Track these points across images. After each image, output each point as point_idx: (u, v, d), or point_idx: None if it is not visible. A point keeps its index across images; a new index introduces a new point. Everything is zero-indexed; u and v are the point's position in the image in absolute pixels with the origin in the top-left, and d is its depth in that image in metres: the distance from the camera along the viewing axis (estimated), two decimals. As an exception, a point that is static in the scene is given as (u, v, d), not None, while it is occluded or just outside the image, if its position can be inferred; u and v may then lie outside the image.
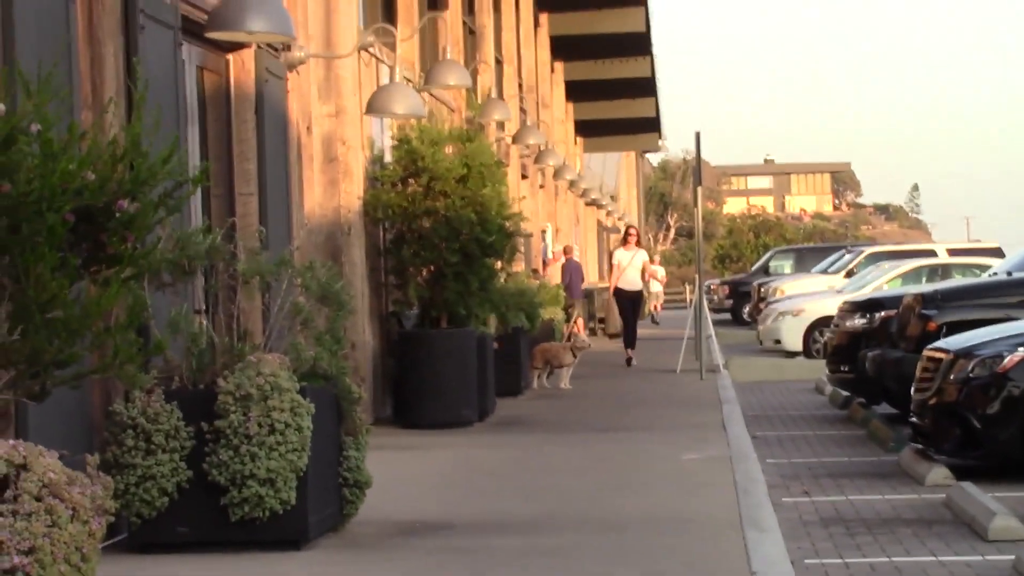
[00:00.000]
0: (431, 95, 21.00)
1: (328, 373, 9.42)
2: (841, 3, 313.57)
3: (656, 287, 63.03)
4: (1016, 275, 16.96)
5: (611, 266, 27.56)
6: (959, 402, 12.52)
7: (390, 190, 17.19)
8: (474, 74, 24.54)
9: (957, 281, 21.78)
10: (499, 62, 30.36)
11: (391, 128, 18.06)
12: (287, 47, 13.59)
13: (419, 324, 17.37)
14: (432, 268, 17.13)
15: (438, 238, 16.99)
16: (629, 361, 26.58)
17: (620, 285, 26.53)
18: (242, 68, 12.55)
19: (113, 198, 5.67)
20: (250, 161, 12.61)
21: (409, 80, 18.27)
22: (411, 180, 17.27)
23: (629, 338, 26.93)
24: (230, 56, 12.52)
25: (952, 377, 12.63)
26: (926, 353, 13.45)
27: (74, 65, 9.12)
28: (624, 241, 27.67)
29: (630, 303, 26.72)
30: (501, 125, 26.74)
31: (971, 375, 12.47)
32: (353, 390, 9.60)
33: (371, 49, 17.22)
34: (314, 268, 9.70)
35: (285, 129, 13.61)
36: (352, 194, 16.25)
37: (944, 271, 28.47)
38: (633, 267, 26.52)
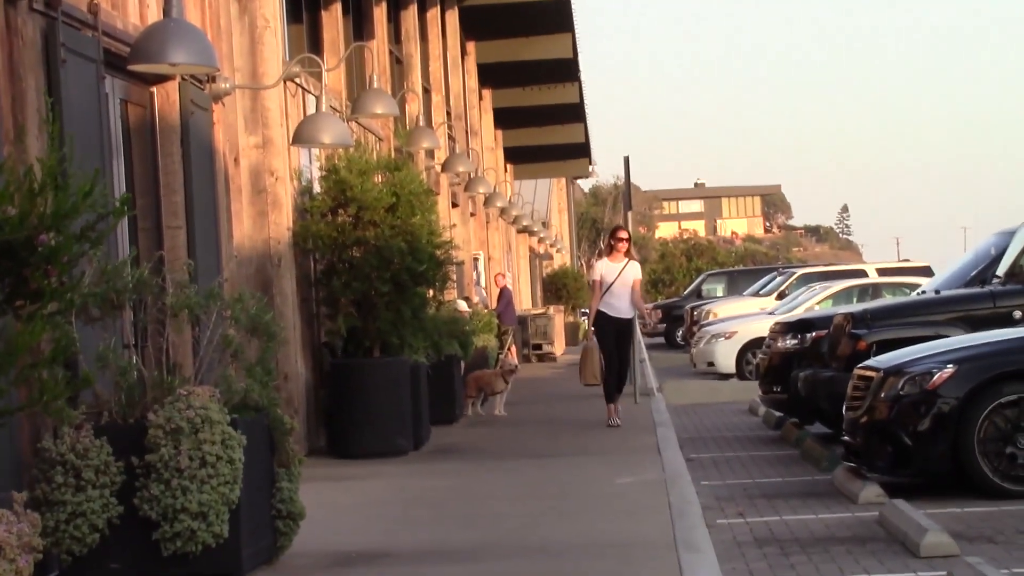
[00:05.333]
0: (359, 124, 20.98)
1: (260, 404, 9.38)
2: (768, 27, 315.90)
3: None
4: (944, 293, 17.08)
5: (591, 284, 19.60)
6: (890, 420, 12.59)
7: (319, 220, 17.14)
8: (402, 103, 24.52)
9: (886, 300, 21.95)
10: (427, 90, 30.37)
11: (319, 158, 18.01)
12: (212, 79, 13.53)
13: (352, 354, 17.31)
14: (364, 298, 17.09)
15: (369, 268, 16.96)
16: (612, 419, 19.16)
17: (603, 309, 19.08)
18: (166, 100, 12.48)
19: (34, 232, 5.62)
20: (177, 194, 12.53)
21: (336, 110, 18.26)
22: (340, 210, 17.23)
23: (612, 388, 19.25)
24: (154, 89, 12.45)
25: (883, 395, 12.71)
26: (857, 372, 13.53)
27: (-5, 100, 9.04)
28: (608, 249, 19.55)
29: (615, 336, 19.15)
30: (430, 153, 26.74)
31: (901, 393, 12.54)
32: (285, 421, 9.55)
33: (297, 80, 17.19)
34: (244, 300, 9.65)
35: (212, 161, 13.54)
36: (281, 225, 16.20)
37: (874, 290, 28.68)
38: (622, 283, 19.08)
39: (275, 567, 9.47)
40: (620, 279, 18.92)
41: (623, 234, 19.51)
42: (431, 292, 18.15)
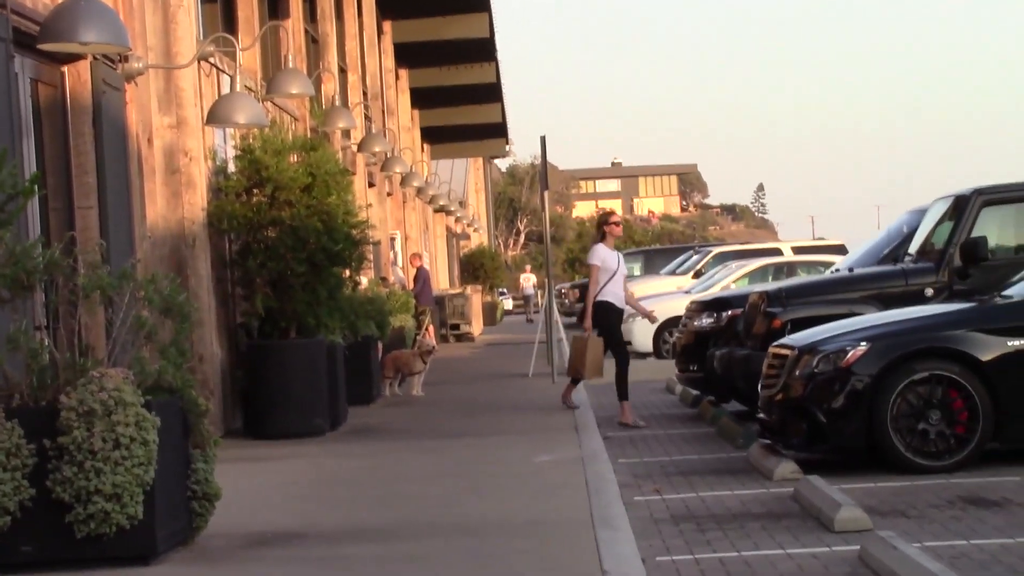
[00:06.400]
0: (274, 104, 20.87)
1: (174, 386, 9.31)
2: (683, 6, 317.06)
3: (530, 291, 63.64)
4: (858, 271, 17.20)
5: (591, 268, 17.82)
6: (805, 397, 12.68)
7: (234, 201, 17.04)
8: (317, 82, 24.43)
9: (801, 279, 22.08)
10: (343, 70, 30.25)
11: (234, 138, 17.90)
12: (124, 58, 13.41)
13: (268, 335, 17.23)
14: (280, 278, 17.00)
15: (284, 248, 16.88)
16: (636, 420, 17.39)
17: (610, 300, 17.63)
18: (78, 80, 12.36)
19: (-59, 212, 5.54)
20: (89, 174, 12.42)
21: (251, 89, 18.13)
22: (255, 190, 17.14)
23: (623, 382, 17.58)
24: (65, 68, 12.33)
25: (797, 373, 12.80)
26: (772, 350, 13.62)
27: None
28: (602, 235, 18.08)
29: (609, 328, 17.82)
30: (346, 133, 26.66)
31: (816, 370, 12.64)
32: (200, 402, 9.49)
33: (211, 59, 17.06)
34: (157, 281, 9.57)
35: (125, 141, 13.43)
36: (196, 205, 16.09)
37: (789, 269, 28.86)
38: (622, 273, 17.87)
39: (190, 548, 9.42)
40: (620, 268, 17.81)
41: (618, 219, 18.65)
42: (347, 272, 18.09)
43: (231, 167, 17.62)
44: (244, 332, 17.47)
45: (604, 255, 17.69)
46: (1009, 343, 12.39)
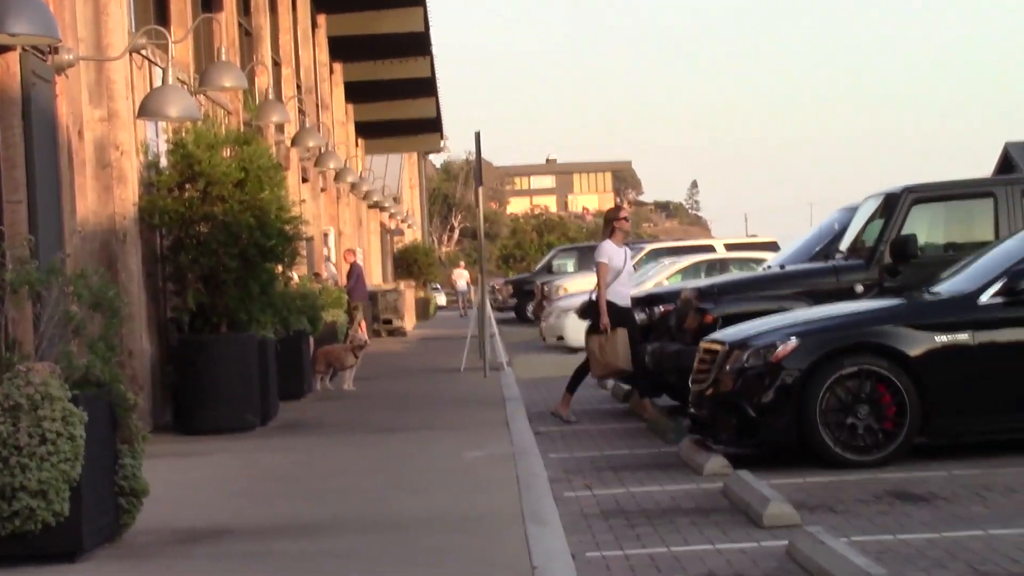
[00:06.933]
0: (207, 98, 20.76)
1: (102, 381, 9.25)
2: (619, 1, 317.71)
3: (463, 287, 63.71)
4: (789, 268, 17.31)
5: (598, 266, 17.34)
6: (735, 392, 12.74)
7: (166, 195, 16.94)
8: (251, 76, 24.33)
9: (733, 275, 22.17)
10: (276, 64, 30.12)
11: (166, 132, 17.79)
12: (54, 50, 13.29)
13: (200, 330, 17.14)
14: (212, 273, 16.92)
15: (216, 243, 16.80)
16: (564, 413, 17.38)
17: (618, 301, 17.16)
18: (6, 72, 12.22)
19: None
20: (18, 168, 12.29)
21: (183, 83, 18.03)
22: (188, 185, 17.05)
23: (580, 378, 17.78)
24: (-7, 59, 12.20)
25: (728, 368, 12.86)
26: (703, 345, 13.68)
27: None
28: (609, 229, 17.61)
29: (626, 325, 17.08)
30: (280, 127, 26.54)
31: (746, 365, 12.70)
32: (128, 397, 9.44)
33: (143, 51, 16.95)
34: (86, 275, 9.51)
35: (55, 134, 13.31)
36: (127, 200, 15.98)
37: (722, 265, 28.95)
38: (628, 271, 17.64)
39: (117, 545, 9.36)
40: (627, 265, 17.44)
41: (627, 213, 18.24)
42: (280, 268, 18.03)
43: (163, 161, 17.51)
44: (175, 327, 17.38)
45: (611, 252, 17.30)
46: (937, 339, 12.50)
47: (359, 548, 9.19)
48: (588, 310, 17.73)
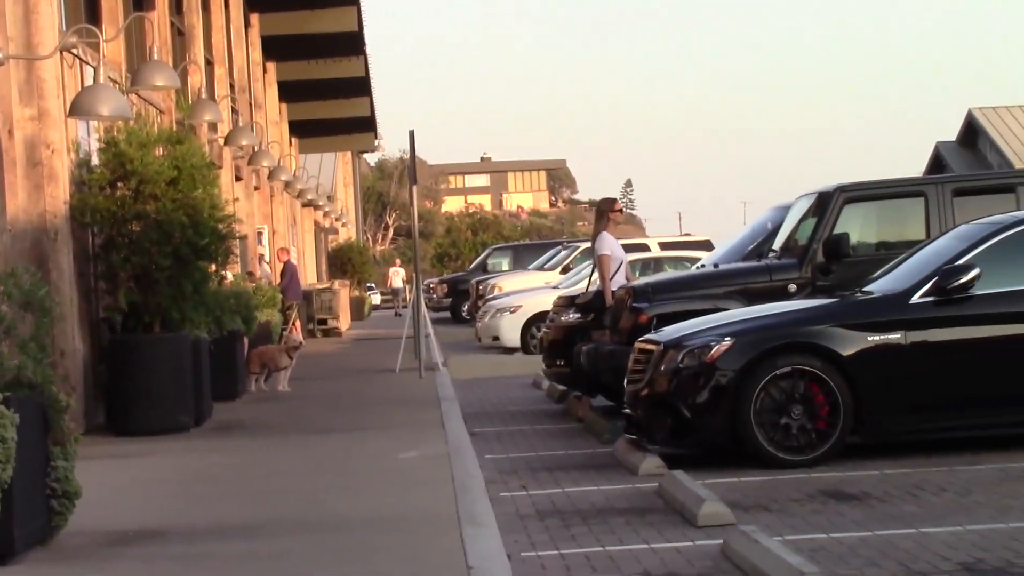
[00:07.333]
0: (139, 97, 20.63)
1: (33, 382, 9.17)
2: (551, 2, 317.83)
3: (399, 286, 63.62)
4: (723, 267, 17.35)
5: (601, 259, 17.24)
6: (670, 392, 12.77)
7: (98, 194, 16.83)
8: (183, 75, 24.19)
9: (667, 274, 22.23)
10: (209, 63, 29.98)
11: (98, 131, 17.67)
12: (-16, 48, 13.18)
13: (132, 330, 17.03)
14: (144, 272, 16.82)
15: (149, 242, 16.70)
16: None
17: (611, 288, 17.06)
18: (-64, 70, 12.13)
19: None
20: (-53, 166, 12.19)
21: (115, 81, 17.91)
22: (120, 184, 16.94)
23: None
24: (-77, 58, 12.09)
25: (663, 368, 12.88)
26: (637, 345, 13.69)
27: None
28: (604, 220, 17.51)
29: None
30: (213, 126, 26.42)
31: (681, 365, 12.72)
32: (60, 398, 9.36)
33: (74, 50, 16.82)
34: (17, 275, 9.43)
35: (-16, 133, 13.20)
36: (58, 199, 15.86)
37: (656, 264, 29.05)
38: (626, 261, 17.63)
39: (49, 547, 9.28)
40: (624, 260, 17.43)
41: (620, 205, 18.00)
42: (213, 267, 17.95)
43: (95, 160, 17.39)
44: (107, 327, 17.27)
45: (612, 244, 17.29)
46: (869, 338, 12.57)
47: (293, 549, 9.16)
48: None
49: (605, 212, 17.72)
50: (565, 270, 35.28)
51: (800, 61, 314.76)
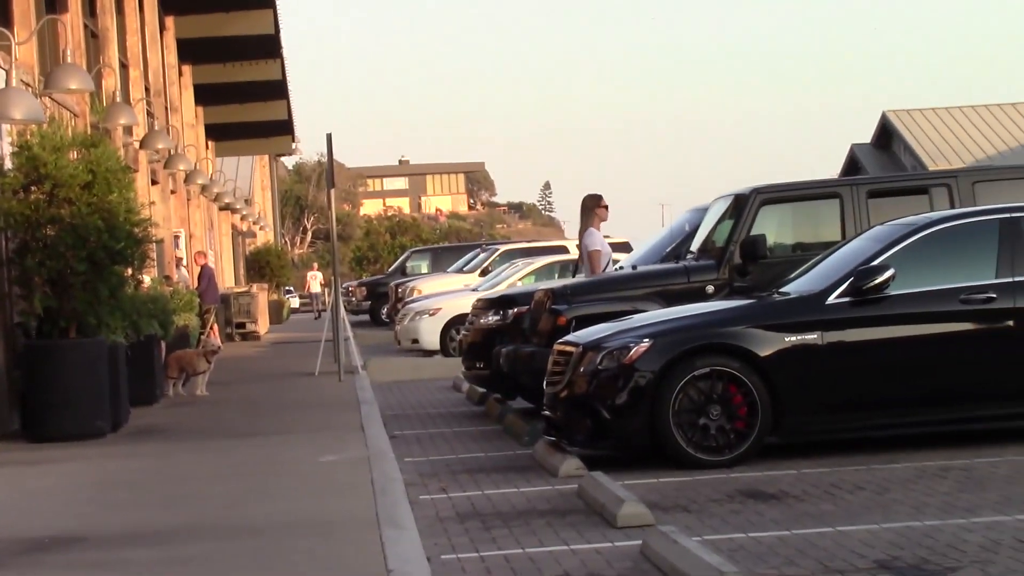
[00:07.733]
0: (52, 100, 20.44)
1: (-54, 389, 9.07)
2: (466, 4, 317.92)
3: (317, 289, 63.47)
4: (641, 269, 17.40)
5: (592, 255, 17.50)
6: (589, 394, 12.79)
7: (11, 198, 16.66)
8: (97, 78, 24.01)
9: (586, 277, 22.26)
10: (124, 66, 29.76)
11: (11, 134, 17.49)
12: None
13: (47, 334, 16.87)
14: (59, 277, 16.67)
15: (64, 246, 16.56)
16: None
17: None
18: None
19: None
20: None
21: (28, 84, 17.74)
22: (34, 187, 16.78)
23: None
24: None
25: (582, 370, 12.90)
26: (556, 347, 13.71)
27: None
28: (591, 216, 17.79)
29: None
30: (128, 130, 26.22)
31: (600, 367, 12.75)
32: (-26, 405, 9.26)
33: (-13, 53, 16.65)
34: (-71, 280, 9.32)
35: None
36: (-29, 203, 15.67)
37: (575, 266, 29.10)
38: (611, 258, 17.71)
39: (-36, 556, 9.19)
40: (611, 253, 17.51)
41: (606, 202, 18.11)
42: (130, 271, 17.81)
43: (7, 164, 17.22)
44: (22, 332, 17.09)
45: (601, 240, 17.46)
46: (786, 338, 12.65)
47: (212, 554, 9.11)
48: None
49: (591, 208, 17.95)
50: (484, 272, 35.30)
51: (716, 63, 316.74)
